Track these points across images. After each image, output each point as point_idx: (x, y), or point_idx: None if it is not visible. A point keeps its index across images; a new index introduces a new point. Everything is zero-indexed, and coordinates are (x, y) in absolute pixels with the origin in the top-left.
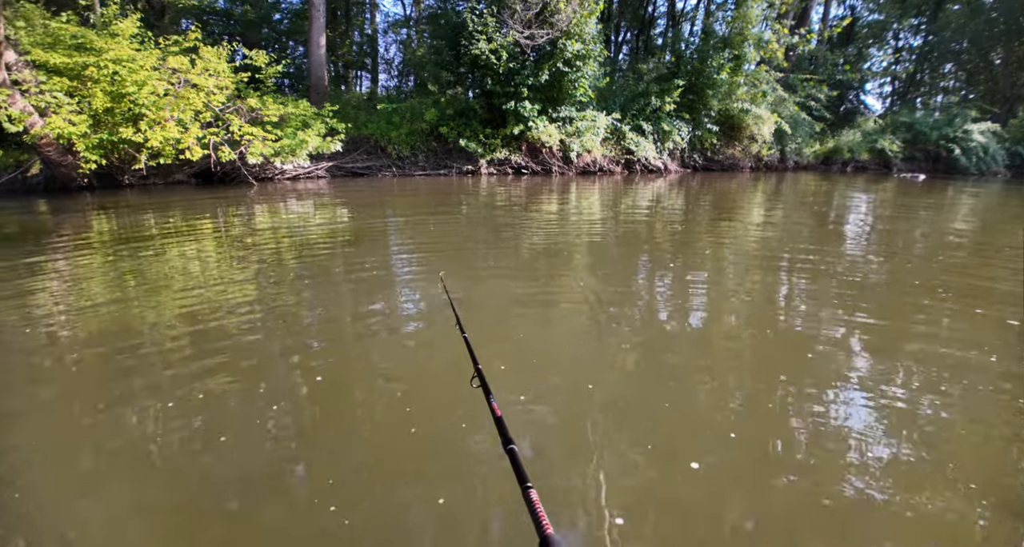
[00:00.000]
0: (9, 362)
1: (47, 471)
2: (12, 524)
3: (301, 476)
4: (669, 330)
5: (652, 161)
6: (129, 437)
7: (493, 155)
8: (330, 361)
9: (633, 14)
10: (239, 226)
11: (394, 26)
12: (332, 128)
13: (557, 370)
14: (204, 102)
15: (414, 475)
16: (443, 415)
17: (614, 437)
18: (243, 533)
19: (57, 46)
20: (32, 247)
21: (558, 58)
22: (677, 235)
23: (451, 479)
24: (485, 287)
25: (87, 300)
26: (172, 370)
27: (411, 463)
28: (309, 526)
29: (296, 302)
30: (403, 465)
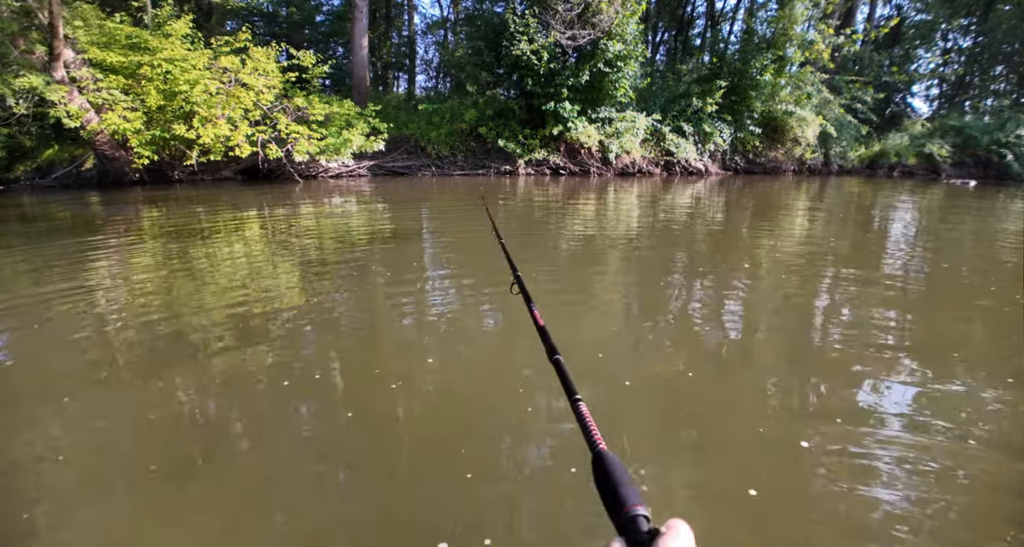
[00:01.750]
0: (62, 346)
1: (86, 454)
2: (61, 497)
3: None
4: (703, 338)
5: (692, 163)
6: (170, 423)
7: (531, 155)
8: (367, 350)
9: (671, 14)
10: (285, 221)
11: (432, 27)
12: (375, 128)
13: (591, 371)
14: (253, 101)
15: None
16: (504, 397)
17: (647, 452)
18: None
19: (113, 45)
20: (86, 237)
21: (599, 58)
22: (717, 239)
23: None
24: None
25: (135, 287)
26: (213, 358)
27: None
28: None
29: (338, 293)
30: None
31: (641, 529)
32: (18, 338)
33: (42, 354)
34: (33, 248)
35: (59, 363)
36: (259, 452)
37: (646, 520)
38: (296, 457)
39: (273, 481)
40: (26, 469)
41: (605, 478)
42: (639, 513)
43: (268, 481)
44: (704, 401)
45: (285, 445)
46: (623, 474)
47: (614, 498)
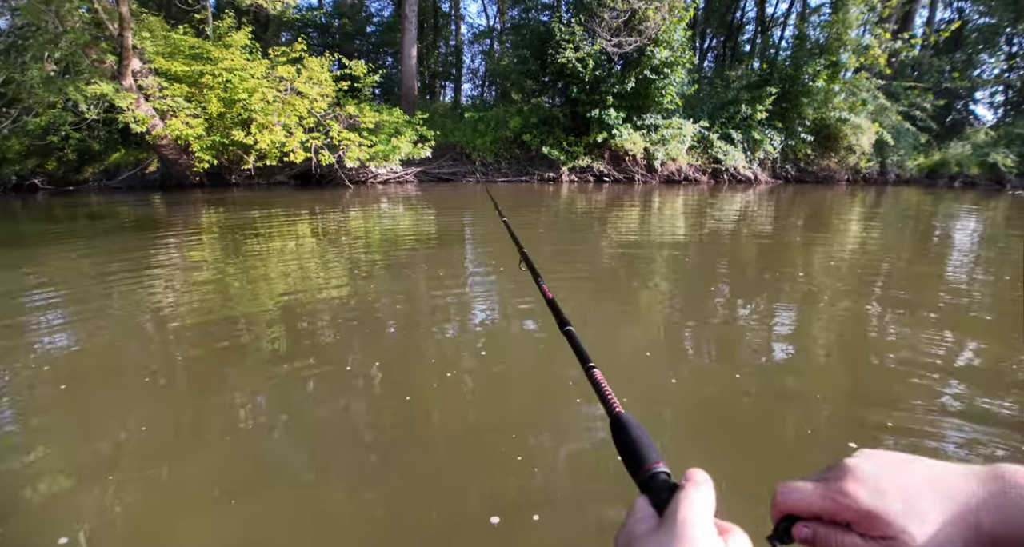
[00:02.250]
0: (126, 338)
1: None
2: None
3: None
4: (747, 354)
5: (741, 171)
6: (226, 409)
7: (575, 162)
8: (421, 343)
9: (720, 20)
10: (336, 223)
11: (479, 37)
12: (422, 135)
13: (628, 385)
14: (307, 108)
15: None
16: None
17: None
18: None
19: (177, 55)
20: (148, 235)
21: (645, 65)
22: (765, 251)
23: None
24: (558, 294)
25: (192, 284)
26: (264, 354)
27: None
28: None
29: (386, 292)
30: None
31: (661, 484)
32: (82, 324)
33: (102, 340)
34: (99, 244)
35: (117, 349)
36: (326, 431)
37: (666, 475)
38: (360, 436)
39: (342, 458)
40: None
41: (624, 439)
42: (658, 470)
43: (338, 458)
44: (748, 415)
45: (350, 425)
46: (641, 434)
47: (634, 458)
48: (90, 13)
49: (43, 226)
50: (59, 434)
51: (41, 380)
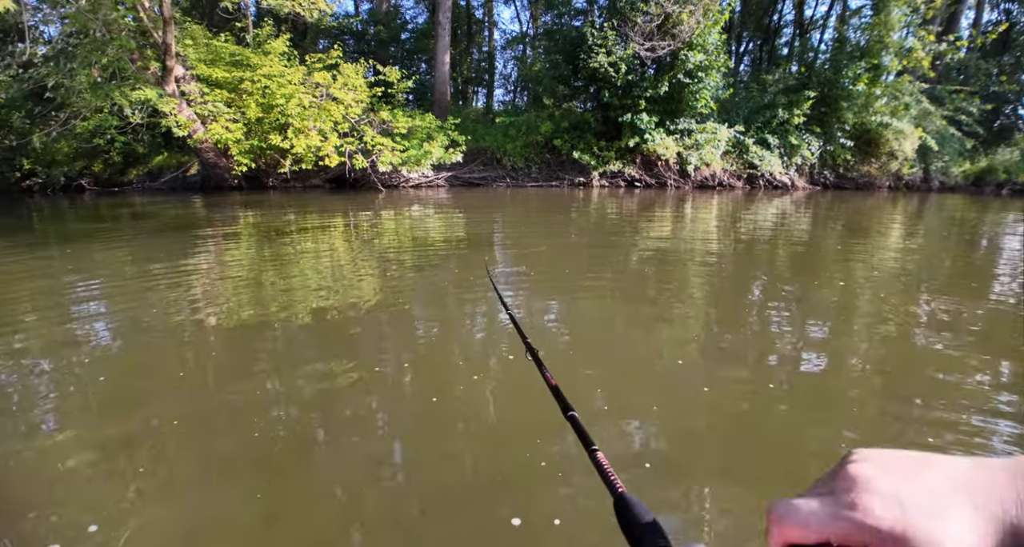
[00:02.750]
0: (163, 334)
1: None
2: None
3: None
4: (781, 364)
5: (777, 176)
6: (256, 406)
7: (606, 167)
8: (448, 344)
9: (756, 24)
10: (369, 226)
11: (511, 43)
12: (453, 140)
13: (659, 393)
14: (343, 114)
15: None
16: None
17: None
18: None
19: (218, 62)
20: (188, 235)
21: (679, 69)
22: (802, 258)
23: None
24: (585, 302)
25: (228, 283)
26: (294, 352)
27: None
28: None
29: (415, 294)
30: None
31: None
32: (123, 319)
33: (141, 337)
34: (142, 243)
35: (155, 345)
36: (349, 429)
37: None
38: (388, 434)
39: (370, 455)
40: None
41: (629, 520)
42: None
43: (365, 456)
44: (781, 427)
45: (375, 425)
46: (644, 512)
47: (639, 538)
48: (136, 21)
49: (90, 225)
50: (93, 424)
51: (83, 371)
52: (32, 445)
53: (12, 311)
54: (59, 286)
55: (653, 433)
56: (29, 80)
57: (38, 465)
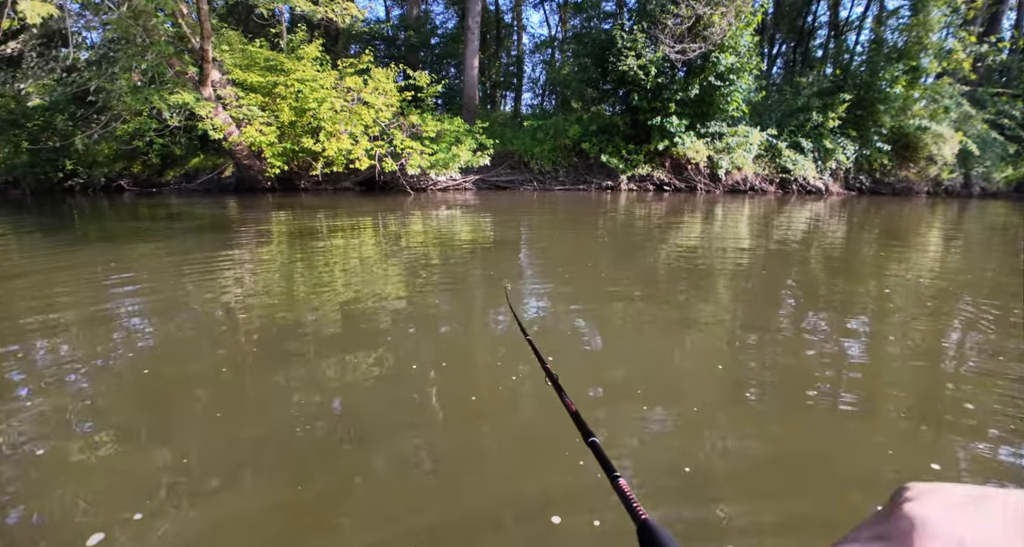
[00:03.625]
0: (198, 329)
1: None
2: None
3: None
4: (817, 372)
5: (811, 181)
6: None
7: (635, 171)
8: (461, 356)
9: (790, 25)
10: (397, 228)
11: (540, 47)
12: (481, 144)
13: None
14: (373, 118)
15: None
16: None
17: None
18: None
19: (253, 67)
20: (222, 234)
21: (710, 72)
22: (835, 269)
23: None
24: (612, 308)
25: (261, 281)
26: (322, 349)
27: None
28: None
29: (444, 295)
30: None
31: None
32: (162, 315)
33: (180, 333)
34: (178, 241)
35: (193, 341)
36: (387, 425)
37: None
38: (430, 432)
39: (399, 452)
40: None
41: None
42: None
43: (413, 450)
44: (821, 440)
45: (416, 421)
46: (669, 540)
47: None
48: (174, 27)
49: (129, 224)
50: (132, 415)
51: (127, 364)
52: (72, 435)
53: (54, 305)
54: (99, 282)
55: (689, 446)
56: (72, 84)
57: (78, 455)
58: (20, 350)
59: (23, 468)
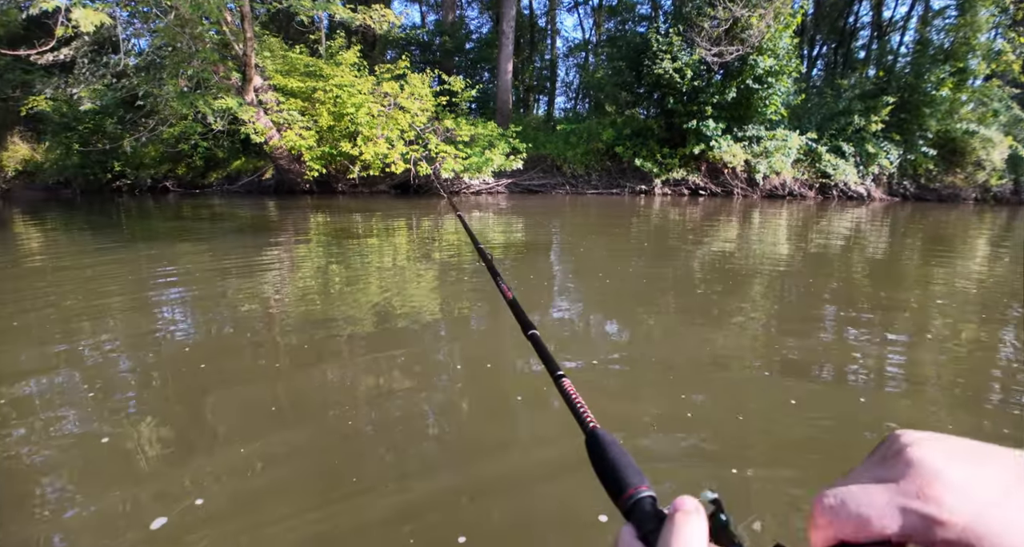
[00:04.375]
0: (237, 325)
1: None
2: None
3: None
4: (855, 402)
5: (852, 186)
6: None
7: (669, 175)
8: (492, 353)
9: (831, 26)
10: (431, 230)
11: (574, 50)
12: (514, 148)
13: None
14: (409, 122)
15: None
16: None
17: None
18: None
19: (293, 73)
20: (262, 234)
21: (748, 75)
22: (877, 277)
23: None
24: (644, 315)
25: (298, 279)
26: (356, 345)
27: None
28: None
29: (469, 297)
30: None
31: (647, 511)
32: (210, 312)
33: (231, 328)
34: (219, 240)
35: (241, 336)
36: (420, 420)
37: (652, 500)
38: (483, 432)
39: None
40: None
41: (602, 460)
42: (643, 495)
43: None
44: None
45: (446, 419)
46: (621, 453)
47: (614, 481)
48: (219, 35)
49: (173, 224)
50: (193, 407)
51: (184, 359)
52: (132, 424)
53: (102, 301)
54: (144, 277)
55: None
56: (122, 89)
57: (140, 443)
58: (73, 342)
59: (90, 455)
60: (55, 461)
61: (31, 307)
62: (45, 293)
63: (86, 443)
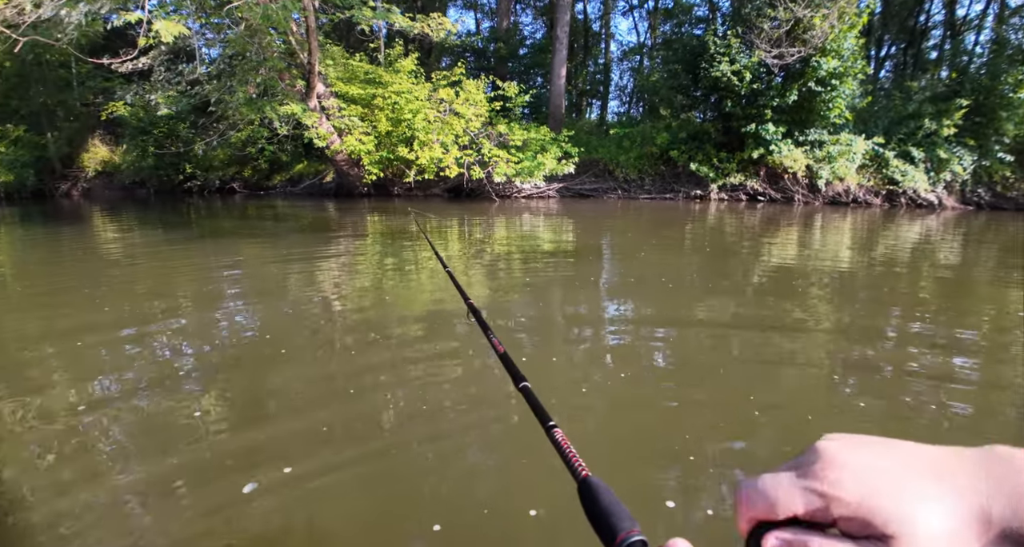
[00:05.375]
0: (288, 316)
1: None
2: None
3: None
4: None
5: (922, 194)
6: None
7: (726, 180)
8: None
9: (900, 25)
10: (482, 233)
11: (628, 54)
12: (566, 152)
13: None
14: (463, 127)
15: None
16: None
17: None
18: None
19: (354, 80)
20: (321, 234)
21: (810, 77)
22: (947, 294)
23: None
24: (698, 329)
25: (354, 278)
26: (404, 343)
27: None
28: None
29: (518, 303)
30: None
31: None
32: (271, 308)
33: (275, 318)
34: (281, 239)
35: (287, 326)
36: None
37: (643, 545)
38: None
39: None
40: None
41: (594, 506)
42: (635, 539)
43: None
44: None
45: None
46: (612, 500)
47: (607, 526)
48: (285, 44)
49: (239, 223)
50: (247, 385)
51: (257, 351)
52: (221, 399)
53: (172, 293)
54: (212, 273)
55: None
56: (195, 96)
57: (229, 416)
58: (161, 326)
59: (185, 425)
60: (145, 429)
61: (108, 292)
62: (120, 281)
63: (181, 415)
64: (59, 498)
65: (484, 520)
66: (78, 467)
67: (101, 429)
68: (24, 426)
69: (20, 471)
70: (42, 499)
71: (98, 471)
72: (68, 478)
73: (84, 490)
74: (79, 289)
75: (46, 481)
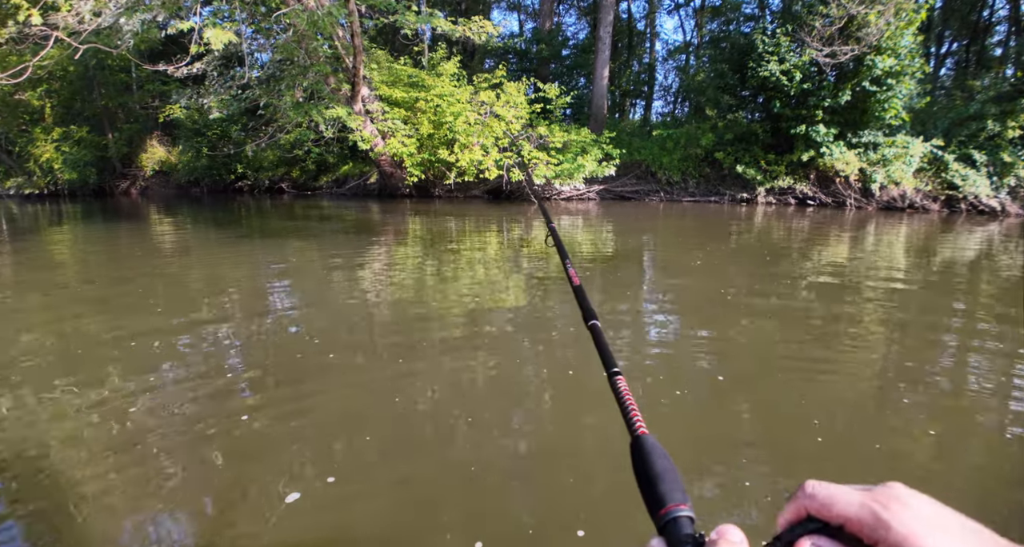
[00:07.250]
0: (333, 316)
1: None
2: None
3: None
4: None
5: (984, 200)
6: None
7: (774, 183)
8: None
9: (961, 21)
10: (521, 236)
11: (673, 53)
12: (607, 153)
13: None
14: (503, 130)
15: None
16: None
17: None
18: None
19: (397, 83)
20: (366, 236)
21: (864, 76)
22: (1006, 299)
23: None
24: (745, 337)
25: (395, 278)
26: (448, 349)
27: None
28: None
29: (552, 303)
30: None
31: (684, 532)
32: (308, 299)
33: (319, 313)
34: (328, 238)
35: (333, 331)
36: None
37: (690, 522)
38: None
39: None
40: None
41: (645, 468)
42: (683, 514)
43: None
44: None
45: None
46: (667, 464)
47: (654, 493)
48: (331, 49)
49: (287, 222)
50: (290, 391)
51: (312, 349)
52: (269, 406)
53: (221, 289)
54: (259, 270)
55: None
56: (245, 99)
57: (276, 425)
58: (204, 326)
59: (231, 433)
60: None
61: (160, 284)
62: (173, 274)
63: (230, 422)
64: (106, 497)
65: (528, 539)
66: (127, 471)
67: (149, 431)
68: (80, 422)
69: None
70: (90, 508)
71: (146, 476)
72: (114, 481)
73: (127, 494)
74: (134, 289)
75: (94, 488)
